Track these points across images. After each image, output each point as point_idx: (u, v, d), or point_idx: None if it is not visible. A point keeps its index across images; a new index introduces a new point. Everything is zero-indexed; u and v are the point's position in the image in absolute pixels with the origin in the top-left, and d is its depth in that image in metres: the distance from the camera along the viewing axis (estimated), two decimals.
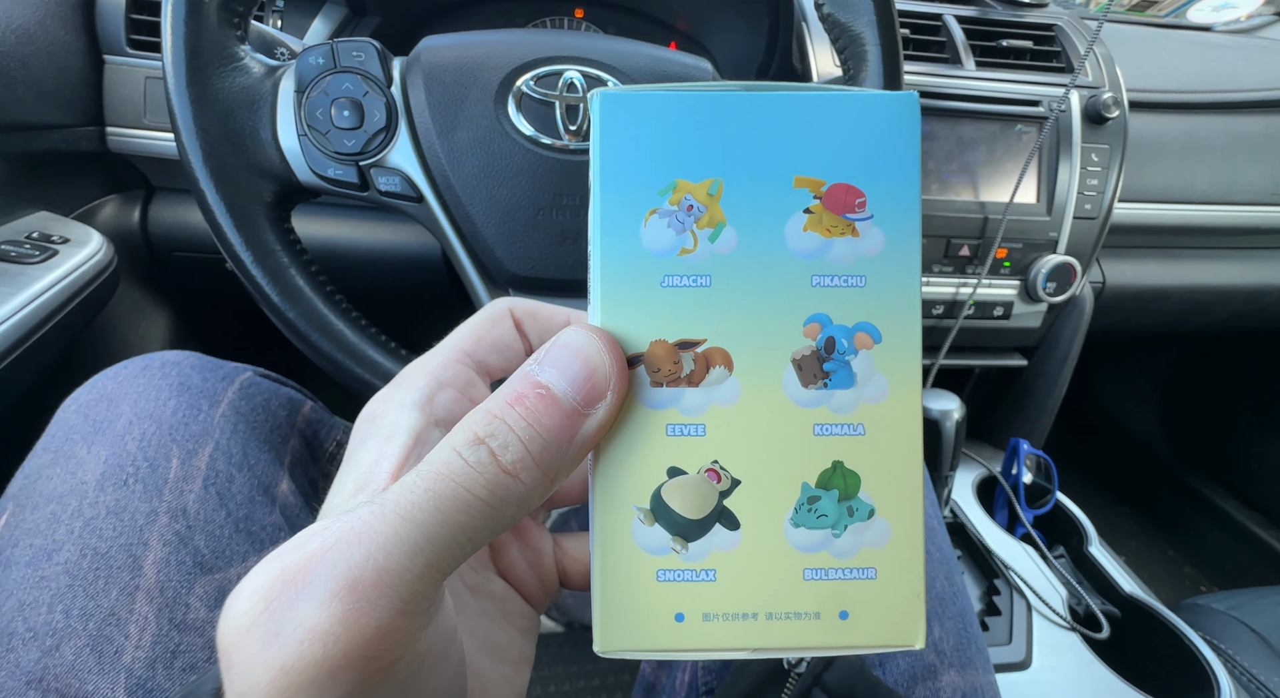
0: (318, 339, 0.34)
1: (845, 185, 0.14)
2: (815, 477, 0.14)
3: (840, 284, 0.14)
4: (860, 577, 0.14)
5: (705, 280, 0.14)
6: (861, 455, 0.14)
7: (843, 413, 0.14)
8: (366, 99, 0.33)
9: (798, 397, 0.14)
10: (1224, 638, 0.52)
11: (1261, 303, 0.75)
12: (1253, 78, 0.68)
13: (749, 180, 0.14)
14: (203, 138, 0.31)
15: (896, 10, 0.37)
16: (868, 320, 0.14)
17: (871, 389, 0.14)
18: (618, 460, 0.14)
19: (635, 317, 0.14)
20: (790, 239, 0.14)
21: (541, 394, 0.13)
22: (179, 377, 0.34)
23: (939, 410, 0.55)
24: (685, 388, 0.14)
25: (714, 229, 0.14)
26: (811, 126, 0.14)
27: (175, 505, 0.28)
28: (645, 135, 0.14)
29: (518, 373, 0.13)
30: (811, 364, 0.14)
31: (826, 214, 0.14)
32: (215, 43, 0.31)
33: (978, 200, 0.62)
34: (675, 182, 0.14)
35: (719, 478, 0.14)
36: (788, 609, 0.14)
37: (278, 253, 0.33)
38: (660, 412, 0.14)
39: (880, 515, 0.14)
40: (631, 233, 0.14)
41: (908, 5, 0.65)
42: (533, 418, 0.13)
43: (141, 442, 0.30)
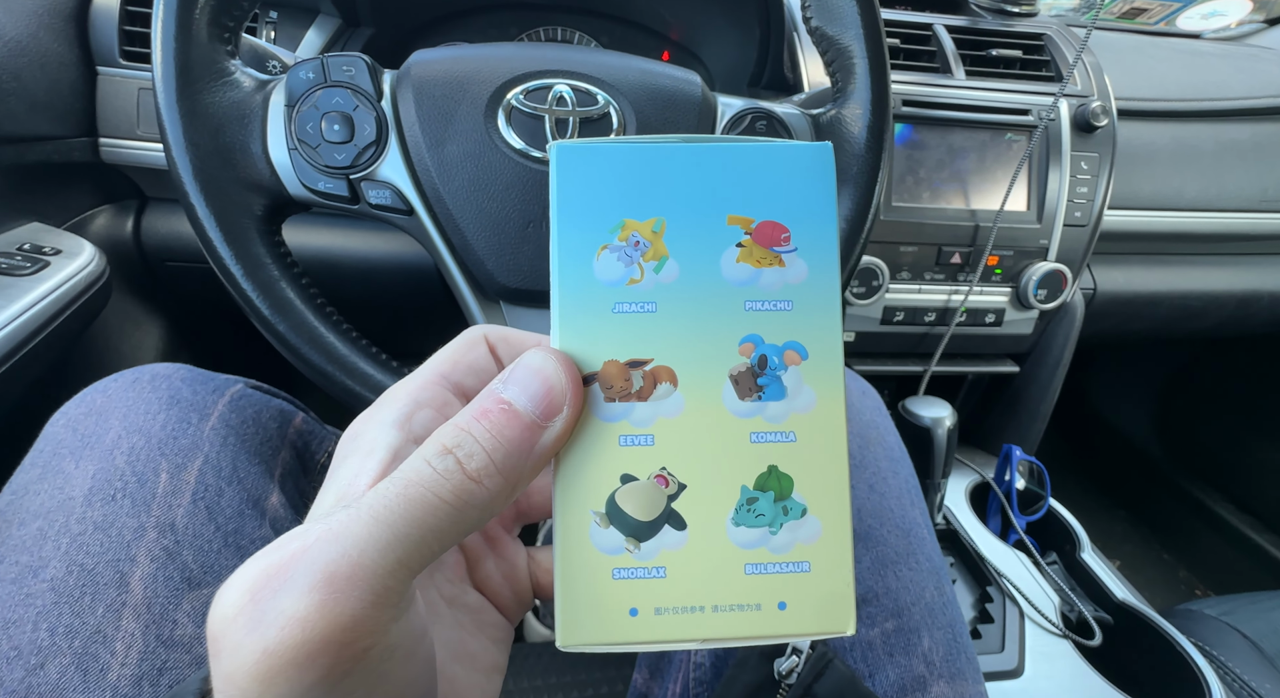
0: (308, 352, 0.34)
1: (772, 223, 0.16)
2: (753, 480, 0.16)
3: (770, 308, 0.16)
4: (795, 570, 0.15)
5: (651, 306, 0.16)
6: (793, 460, 0.16)
7: (776, 422, 0.16)
8: (357, 113, 0.34)
9: (735, 408, 0.16)
10: (1216, 644, 0.52)
11: (1252, 308, 0.75)
12: (1241, 86, 0.69)
13: (688, 219, 0.16)
14: (193, 152, 0.31)
15: (883, 23, 0.37)
16: (795, 339, 0.16)
17: (801, 400, 0.16)
18: (575, 469, 0.15)
19: (590, 339, 0.16)
20: (725, 270, 0.16)
21: (504, 409, 0.14)
22: (169, 390, 0.34)
23: (930, 418, 0.55)
24: (635, 402, 0.15)
25: (659, 262, 0.16)
26: (741, 173, 0.16)
27: (163, 520, 0.28)
28: (597, 181, 0.16)
29: (484, 391, 0.15)
30: (747, 379, 0.16)
31: (756, 248, 0.16)
32: (205, 58, 0.32)
33: (969, 208, 0.63)
34: (624, 221, 0.16)
35: (667, 483, 0.15)
36: (731, 602, 0.15)
37: (268, 266, 0.33)
38: (613, 424, 0.15)
39: (812, 514, 0.16)
40: (586, 266, 0.16)
41: (898, 15, 0.66)
42: (496, 430, 0.14)
43: (130, 456, 0.30)
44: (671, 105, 0.37)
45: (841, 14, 0.37)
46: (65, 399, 0.33)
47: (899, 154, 0.62)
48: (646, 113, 0.36)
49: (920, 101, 0.61)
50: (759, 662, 0.30)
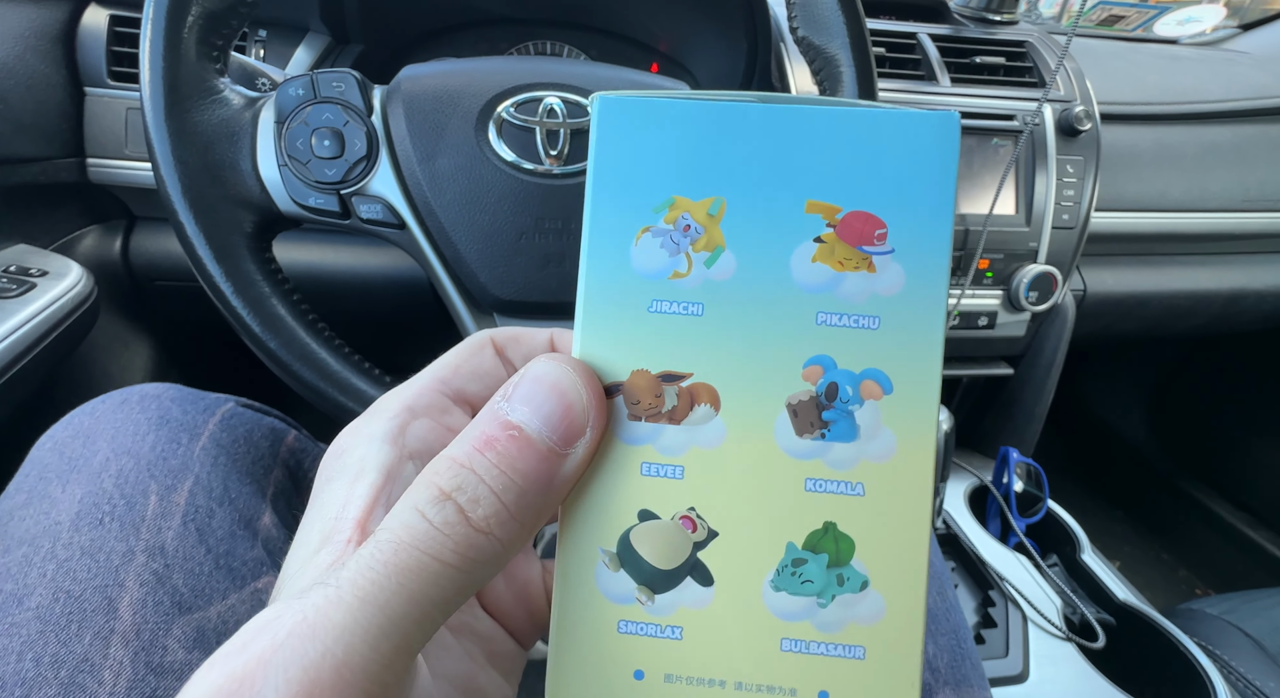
0: (300, 368, 0.34)
1: (864, 214, 0.13)
2: (803, 537, 0.13)
3: (849, 324, 0.13)
4: (846, 655, 0.12)
5: (697, 308, 0.13)
6: (858, 519, 0.13)
7: (840, 469, 0.13)
8: (347, 128, 0.34)
9: (790, 446, 0.13)
10: (1218, 643, 0.52)
11: (1239, 306, 0.76)
12: (1218, 89, 0.70)
13: (754, 202, 0.13)
14: (181, 170, 0.31)
15: (869, 32, 0.38)
16: (878, 367, 0.13)
17: (876, 445, 0.13)
18: (586, 498, 0.13)
19: (617, 342, 0.13)
20: (796, 270, 0.13)
21: (514, 436, 0.12)
22: (158, 410, 0.33)
23: None
24: (665, 425, 0.13)
25: (711, 253, 0.13)
26: (830, 146, 0.13)
27: (153, 544, 0.28)
28: (644, 145, 0.13)
29: (485, 411, 0.12)
30: (809, 411, 0.13)
31: (840, 245, 0.13)
32: (194, 76, 0.32)
33: (958, 213, 0.63)
34: (673, 198, 0.13)
35: (694, 527, 0.13)
36: (760, 681, 0.12)
37: (258, 282, 0.33)
38: (636, 448, 0.13)
39: (875, 589, 0.12)
40: (621, 251, 0.13)
41: (883, 25, 0.67)
42: (506, 464, 0.12)
43: (119, 479, 0.29)
44: None
45: (827, 23, 0.38)
46: (53, 422, 0.32)
47: None
48: None
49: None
50: None
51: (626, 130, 0.13)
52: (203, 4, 0.31)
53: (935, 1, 0.72)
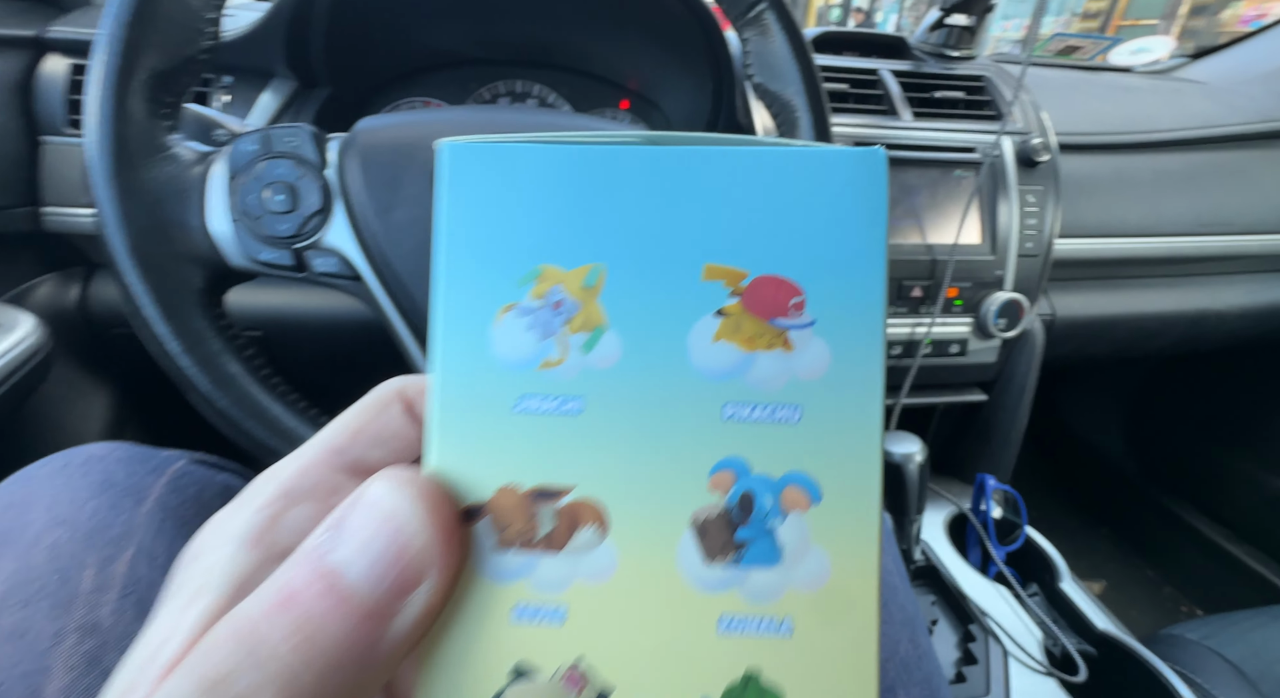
0: (252, 426, 0.33)
1: (777, 279, 0.11)
2: (719, 691, 0.10)
3: (764, 417, 0.11)
4: None
5: (575, 405, 0.11)
6: (787, 667, 0.10)
7: (761, 602, 0.10)
8: (301, 182, 0.33)
9: (697, 576, 0.10)
10: (1198, 670, 0.52)
11: (1203, 326, 0.78)
12: (1168, 118, 0.73)
13: (641, 268, 0.11)
14: (129, 230, 0.31)
15: (821, 76, 0.39)
16: (802, 470, 0.10)
17: (804, 570, 0.10)
18: (444, 654, 0.10)
19: (478, 452, 0.11)
20: (695, 352, 0.11)
21: (322, 591, 0.09)
22: (101, 474, 0.32)
23: (900, 455, 0.55)
24: (542, 555, 0.10)
25: (590, 334, 0.11)
26: (731, 195, 0.10)
27: (86, 622, 0.27)
28: (503, 202, 0.11)
29: (300, 550, 0.10)
30: (719, 530, 0.10)
31: (748, 318, 0.11)
32: (142, 135, 0.31)
33: (925, 243, 0.64)
34: (541, 268, 0.11)
35: (581, 686, 0.10)
36: None
37: (209, 340, 0.32)
38: (506, 587, 0.10)
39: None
40: (479, 336, 0.11)
41: (846, 62, 0.69)
42: (304, 634, 0.09)
43: (52, 552, 0.28)
44: None
45: (782, 71, 0.39)
46: (2, 479, 0.31)
47: None
48: None
49: (871, 142, 0.63)
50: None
51: (480, 185, 0.11)
52: (152, 64, 0.31)
53: (895, 38, 0.75)
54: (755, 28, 0.38)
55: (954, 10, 0.70)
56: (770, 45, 0.38)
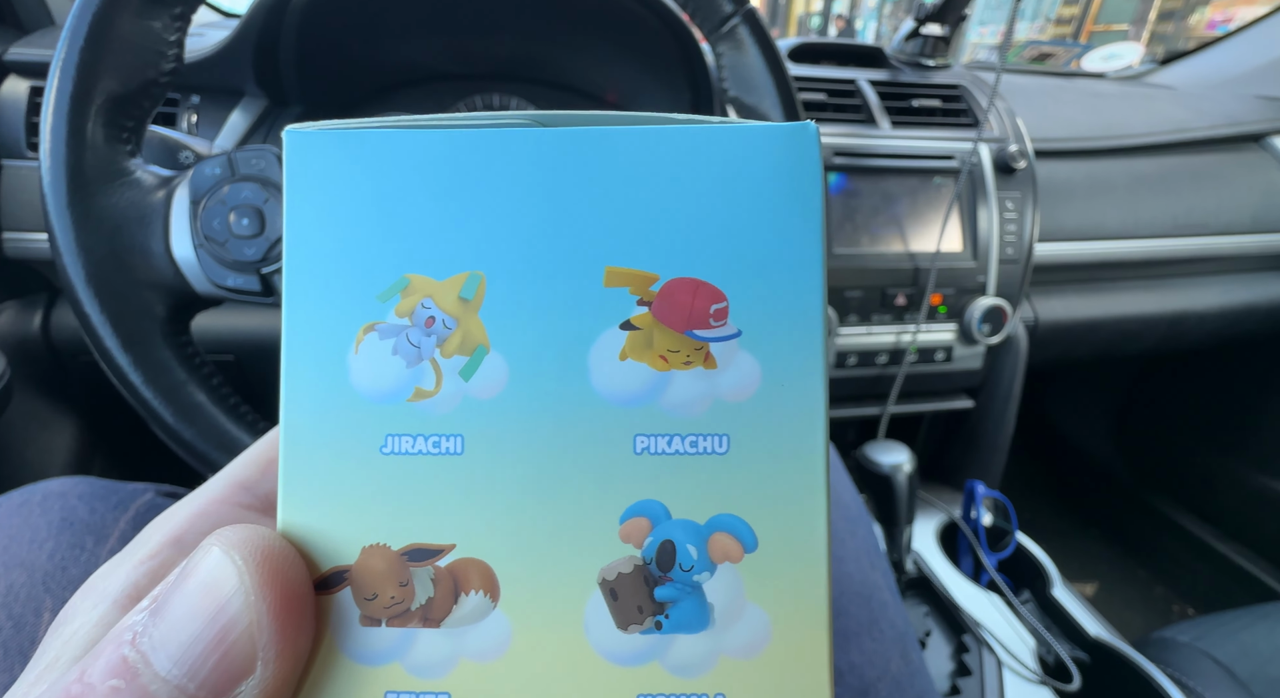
0: (219, 457, 0.32)
1: (692, 281, 0.09)
2: None
3: (685, 450, 0.09)
4: None
5: (454, 444, 0.09)
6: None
7: (690, 676, 0.08)
8: (267, 206, 0.32)
9: (611, 648, 0.08)
10: (1190, 673, 0.52)
11: (1183, 327, 0.79)
12: (1140, 123, 0.74)
13: (529, 275, 0.09)
14: (85, 258, 0.30)
15: (808, 84, 0.39)
16: (732, 512, 0.09)
17: (740, 633, 0.08)
18: None
19: (337, 505, 0.09)
20: (598, 374, 0.09)
21: (117, 688, 0.08)
22: (61, 511, 0.31)
23: (889, 465, 0.54)
24: (418, 629, 0.09)
25: (469, 358, 0.09)
26: (636, 184, 0.09)
27: None
28: (360, 199, 0.09)
29: (110, 632, 0.08)
30: (635, 590, 0.08)
31: (660, 331, 0.09)
32: (101, 160, 0.30)
33: (908, 251, 0.64)
34: (407, 278, 0.09)
35: None
36: None
37: (173, 369, 0.31)
38: (374, 669, 0.08)
39: None
40: (335, 364, 0.09)
41: (824, 72, 0.69)
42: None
43: (6, 597, 0.27)
44: None
45: (756, 85, 0.39)
46: None
47: (836, 202, 0.64)
48: None
49: (851, 152, 0.63)
50: None
51: (330, 179, 0.09)
52: (109, 88, 0.30)
53: (873, 48, 0.75)
54: (729, 42, 0.38)
55: (928, 20, 0.71)
56: (744, 59, 0.38)
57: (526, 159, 0.09)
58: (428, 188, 0.09)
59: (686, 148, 0.09)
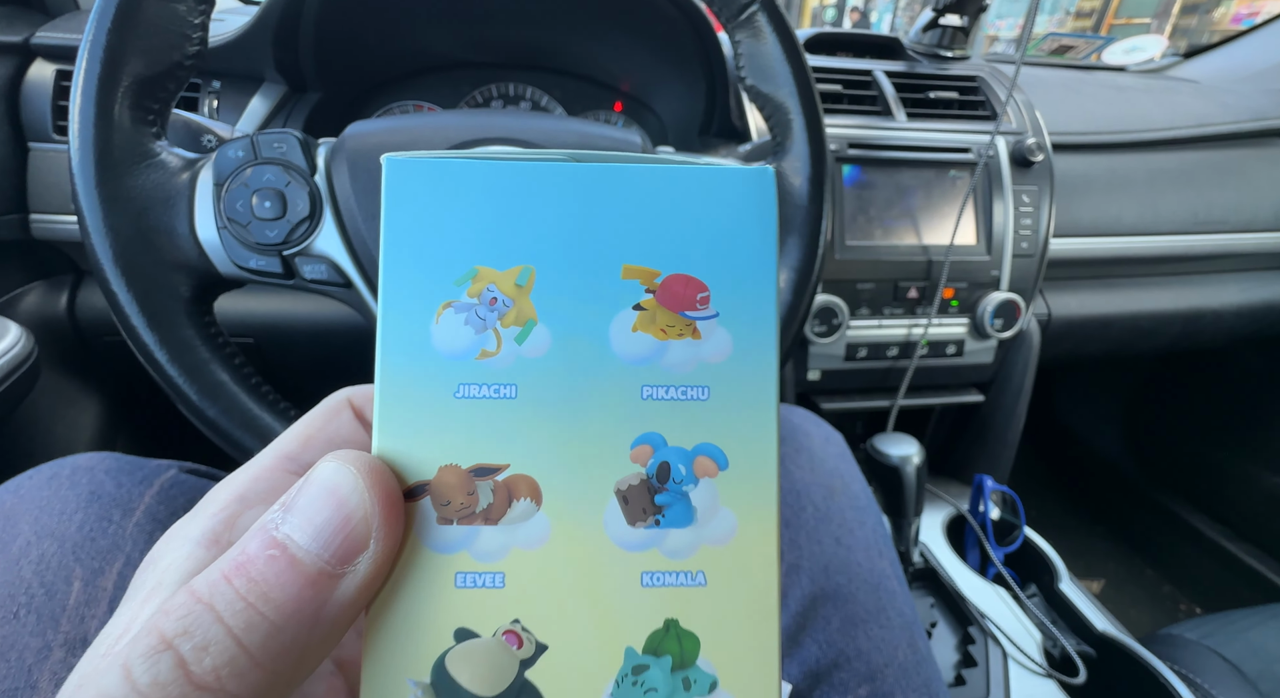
0: (240, 436, 0.32)
1: (685, 277, 0.12)
2: (643, 640, 0.11)
3: (678, 397, 0.12)
4: None
5: (509, 391, 0.12)
6: (702, 612, 0.12)
7: (678, 558, 0.12)
8: (289, 189, 0.33)
9: (622, 538, 0.12)
10: (1197, 670, 0.51)
11: (1199, 325, 0.78)
12: (1162, 117, 0.73)
13: (567, 269, 0.12)
14: (113, 238, 0.30)
15: (824, 74, 0.38)
16: (711, 442, 0.12)
17: (715, 528, 0.12)
18: (392, 619, 0.11)
19: (421, 435, 0.12)
20: (616, 341, 0.12)
21: (274, 556, 0.10)
22: (90, 485, 0.32)
23: (898, 456, 0.54)
24: (481, 526, 0.12)
25: (522, 328, 0.12)
26: (644, 205, 0.12)
27: (73, 636, 0.26)
28: (441, 210, 0.12)
29: (254, 527, 0.11)
30: (640, 496, 0.12)
31: (661, 311, 0.12)
32: (127, 142, 0.31)
33: (921, 243, 0.64)
34: (476, 269, 0.12)
35: (520, 642, 0.11)
36: None
37: (197, 349, 0.32)
38: (448, 557, 0.11)
39: (725, 689, 0.11)
40: (420, 331, 0.12)
41: (839, 63, 0.69)
42: (257, 593, 0.10)
43: (39, 565, 0.28)
44: None
45: (774, 74, 0.39)
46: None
47: (850, 194, 0.63)
48: None
49: (866, 144, 0.63)
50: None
51: (420, 195, 0.12)
52: (136, 71, 0.30)
53: (889, 39, 0.75)
54: (747, 29, 0.38)
55: (947, 10, 0.70)
56: (762, 47, 0.38)
57: (565, 185, 0.12)
58: (492, 204, 0.12)
59: (681, 182, 0.12)
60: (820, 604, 0.34)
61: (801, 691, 0.32)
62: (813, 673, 0.32)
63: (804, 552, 0.36)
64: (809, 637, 0.33)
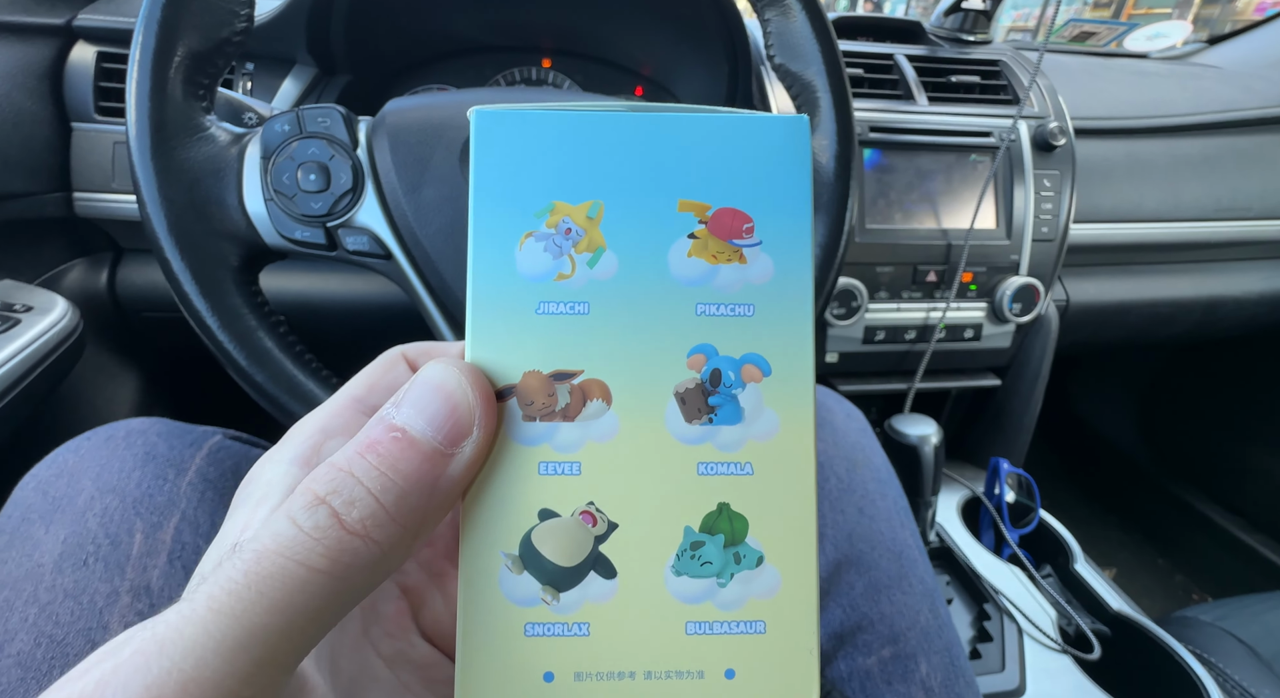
0: (287, 401, 0.34)
1: (733, 210, 0.14)
2: (699, 520, 0.13)
3: (727, 313, 0.14)
4: (748, 631, 0.13)
5: (583, 308, 0.13)
6: (749, 497, 0.13)
7: (729, 451, 0.13)
8: (333, 162, 0.34)
9: (680, 433, 0.13)
10: (1213, 650, 0.52)
11: (1219, 313, 0.78)
12: (1185, 103, 0.72)
13: (631, 204, 0.14)
14: (167, 207, 0.31)
15: (843, 57, 0.39)
16: (756, 352, 0.14)
17: (760, 425, 0.13)
18: (485, 502, 0.13)
19: (507, 345, 0.13)
20: (674, 266, 0.14)
21: (397, 437, 0.12)
22: (144, 446, 0.33)
23: (916, 436, 0.55)
24: (560, 423, 0.13)
25: (593, 254, 0.14)
26: (697, 149, 0.14)
27: (138, 583, 0.28)
28: (522, 154, 0.14)
29: (374, 418, 0.12)
30: (696, 398, 0.13)
31: (712, 240, 0.14)
32: (180, 115, 0.32)
33: (940, 228, 0.64)
34: (553, 203, 0.14)
35: (594, 521, 0.13)
36: (668, 667, 0.13)
37: (245, 316, 0.33)
38: (532, 448, 0.13)
39: (770, 563, 0.13)
40: (506, 257, 0.13)
41: (861, 47, 0.69)
42: (386, 465, 0.12)
43: (103, 518, 0.29)
44: None
45: (803, 51, 0.39)
46: (38, 458, 0.32)
47: (870, 178, 0.64)
48: None
49: (887, 127, 0.63)
50: None
51: (503, 142, 0.14)
52: (189, 45, 0.32)
53: (911, 23, 0.75)
54: (776, 8, 0.39)
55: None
56: (791, 25, 0.39)
57: (628, 131, 0.14)
58: (566, 147, 0.14)
59: (728, 128, 0.14)
60: (844, 570, 0.35)
61: (827, 651, 0.33)
62: (837, 635, 0.33)
63: (828, 521, 0.37)
64: (833, 601, 0.34)
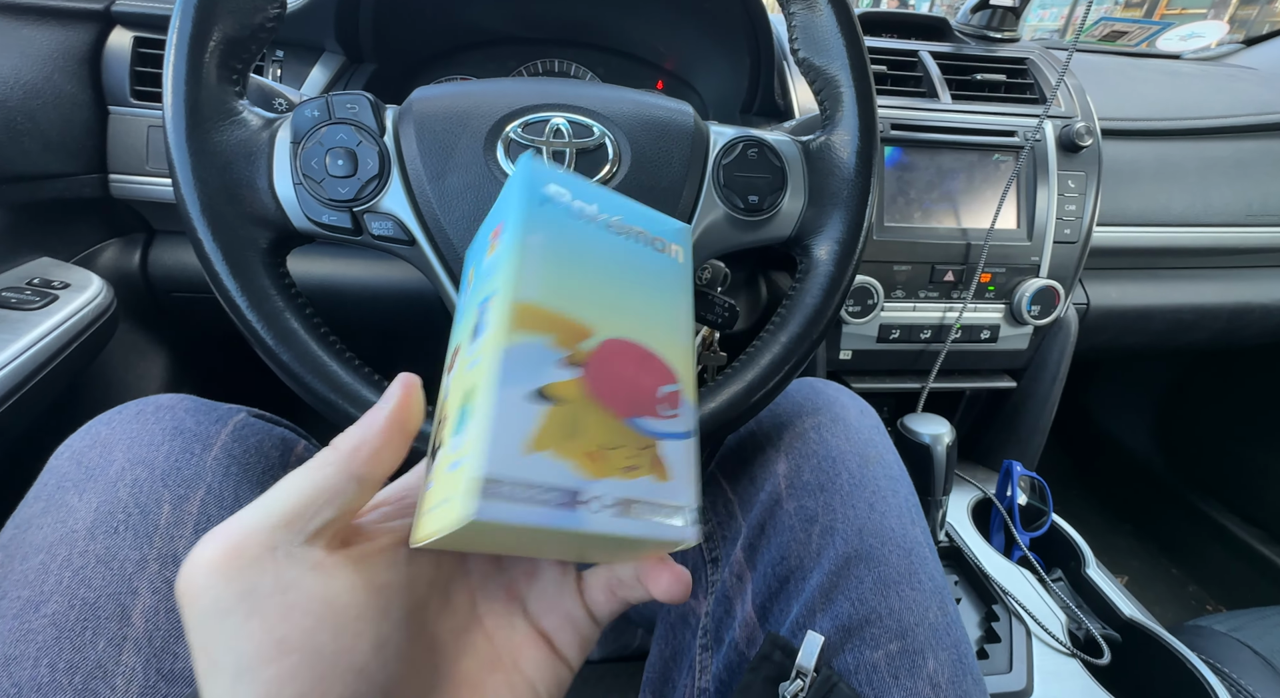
0: (311, 381, 0.34)
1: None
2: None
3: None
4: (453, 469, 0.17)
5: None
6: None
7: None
8: (360, 148, 0.35)
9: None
10: (1226, 660, 0.51)
11: (1244, 320, 0.76)
12: (1220, 105, 0.71)
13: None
14: (200, 189, 0.32)
15: (868, 52, 0.39)
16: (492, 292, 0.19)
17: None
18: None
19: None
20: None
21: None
22: (173, 421, 0.34)
23: (929, 435, 0.55)
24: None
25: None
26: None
27: (165, 552, 0.29)
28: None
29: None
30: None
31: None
32: (214, 99, 0.33)
33: (960, 227, 0.64)
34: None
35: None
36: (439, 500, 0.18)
37: (273, 297, 0.34)
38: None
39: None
40: None
41: (885, 43, 0.68)
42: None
43: (134, 488, 0.30)
44: (665, 135, 0.38)
45: (828, 46, 0.39)
46: (72, 430, 0.33)
47: (890, 176, 0.63)
48: (641, 143, 0.37)
49: (909, 125, 0.62)
50: (764, 687, 0.30)
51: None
52: (224, 30, 0.32)
53: (937, 20, 0.74)
54: (802, 1, 0.39)
55: None
56: (817, 19, 0.39)
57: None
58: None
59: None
60: (853, 565, 0.35)
61: (834, 644, 0.33)
62: (844, 628, 0.33)
63: (838, 515, 0.37)
64: (841, 595, 0.34)
